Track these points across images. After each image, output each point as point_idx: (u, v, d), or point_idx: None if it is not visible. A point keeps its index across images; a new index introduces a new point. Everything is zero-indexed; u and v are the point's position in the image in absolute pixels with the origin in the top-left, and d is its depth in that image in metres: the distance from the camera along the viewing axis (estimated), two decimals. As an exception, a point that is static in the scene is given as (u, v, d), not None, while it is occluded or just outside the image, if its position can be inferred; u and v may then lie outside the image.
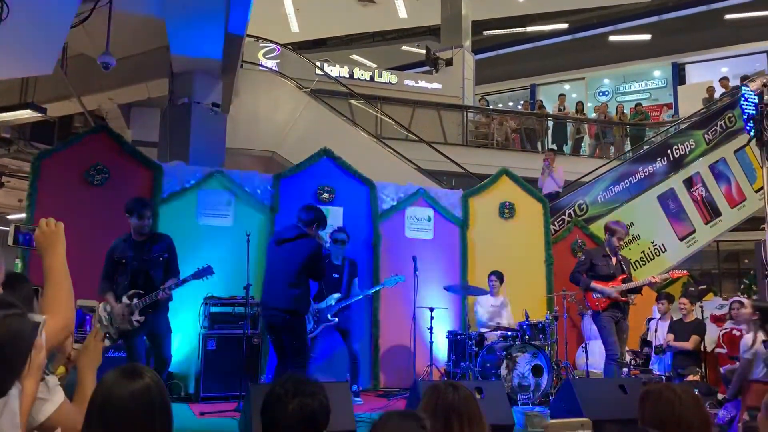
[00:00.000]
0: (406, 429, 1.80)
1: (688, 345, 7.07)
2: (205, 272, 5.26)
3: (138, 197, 5.58)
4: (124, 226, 5.47)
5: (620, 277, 6.34)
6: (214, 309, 6.51)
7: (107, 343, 5.08)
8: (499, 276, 7.54)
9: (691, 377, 6.82)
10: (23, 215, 7.53)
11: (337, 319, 6.46)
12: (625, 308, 6.35)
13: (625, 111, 16.42)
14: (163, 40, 7.96)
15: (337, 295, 6.51)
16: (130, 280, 5.11)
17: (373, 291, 7.10)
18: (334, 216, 7.41)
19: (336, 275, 6.60)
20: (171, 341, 5.35)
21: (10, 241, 2.09)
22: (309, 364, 5.70)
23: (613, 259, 6.42)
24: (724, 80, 14.36)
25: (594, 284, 6.28)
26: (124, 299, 5.05)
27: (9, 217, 15.82)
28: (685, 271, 7.08)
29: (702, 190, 10.24)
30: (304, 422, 1.88)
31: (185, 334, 6.63)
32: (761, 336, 5.14)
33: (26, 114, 9.68)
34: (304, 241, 5.27)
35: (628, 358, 7.11)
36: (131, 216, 5.21)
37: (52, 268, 2.04)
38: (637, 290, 6.48)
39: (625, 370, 6.49)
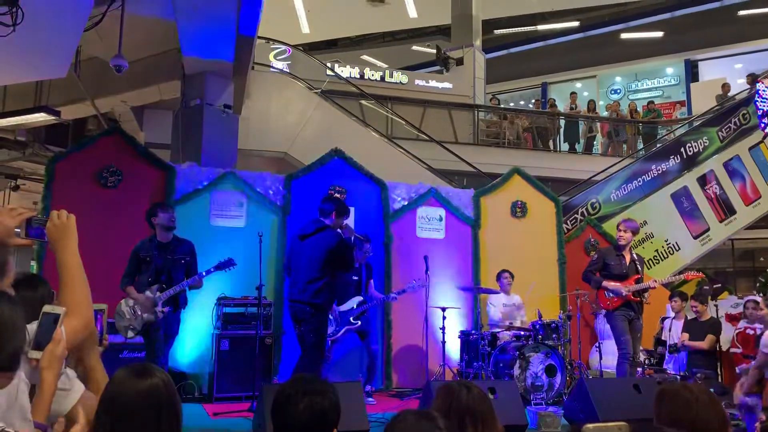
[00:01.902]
0: (422, 428, 1.79)
1: (704, 344, 6.99)
2: (227, 264, 5.46)
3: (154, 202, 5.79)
4: (137, 227, 5.57)
5: (633, 277, 6.29)
6: (227, 309, 6.53)
7: (131, 334, 5.21)
8: (512, 274, 7.52)
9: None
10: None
11: (359, 322, 6.50)
12: (639, 307, 6.29)
13: (637, 109, 16.28)
14: (175, 42, 8.01)
15: (359, 299, 6.55)
16: (153, 278, 5.31)
17: (397, 294, 7.03)
18: (346, 216, 7.41)
19: (356, 277, 6.61)
20: (173, 345, 5.54)
21: (22, 234, 1.94)
22: (323, 361, 5.71)
23: (627, 258, 6.37)
24: (751, 76, 13.99)
25: (605, 283, 6.24)
26: (147, 292, 5.22)
27: (24, 219, 15.96)
28: (701, 273, 7.01)
29: (716, 188, 10.14)
30: (315, 421, 1.88)
31: (198, 335, 6.65)
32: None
33: (40, 117, 9.80)
34: (323, 234, 5.30)
35: (642, 357, 7.05)
36: (156, 215, 5.37)
37: (65, 264, 1.94)
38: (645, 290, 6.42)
39: (639, 369, 6.43)
